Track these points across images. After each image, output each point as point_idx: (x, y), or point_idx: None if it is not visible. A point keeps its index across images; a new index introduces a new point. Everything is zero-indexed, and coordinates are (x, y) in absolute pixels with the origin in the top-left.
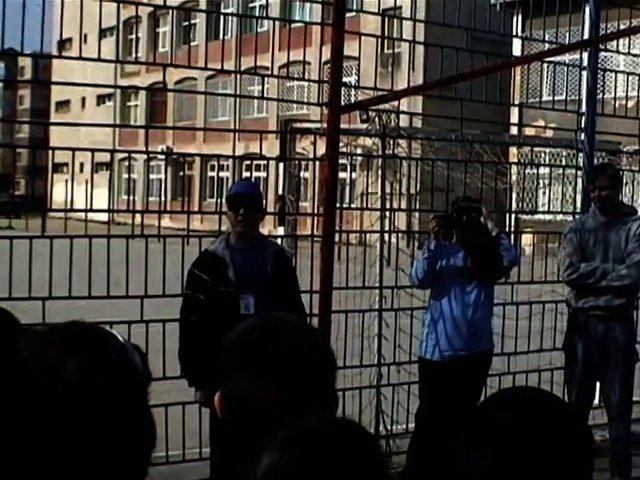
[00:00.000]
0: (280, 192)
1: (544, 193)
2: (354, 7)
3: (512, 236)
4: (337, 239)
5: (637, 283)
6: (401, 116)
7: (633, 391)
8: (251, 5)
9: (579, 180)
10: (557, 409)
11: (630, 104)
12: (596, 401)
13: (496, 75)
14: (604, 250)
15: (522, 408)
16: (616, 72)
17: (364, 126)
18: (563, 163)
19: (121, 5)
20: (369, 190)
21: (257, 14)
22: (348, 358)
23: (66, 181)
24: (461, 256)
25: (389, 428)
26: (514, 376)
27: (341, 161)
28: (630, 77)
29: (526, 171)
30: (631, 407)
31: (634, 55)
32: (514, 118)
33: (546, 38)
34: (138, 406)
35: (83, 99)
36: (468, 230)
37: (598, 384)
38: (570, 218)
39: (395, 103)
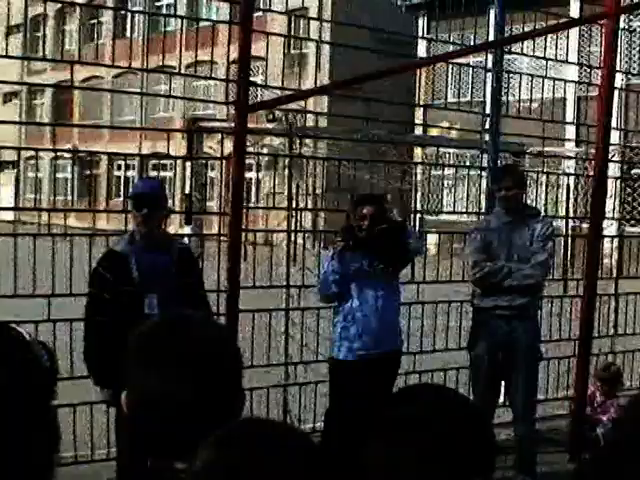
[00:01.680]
0: (187, 191)
1: (449, 194)
2: (261, 7)
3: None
4: (244, 238)
5: (541, 283)
6: (307, 116)
7: (537, 390)
8: (158, 4)
9: (483, 181)
10: (458, 407)
11: (534, 106)
12: (501, 400)
13: (402, 76)
14: (509, 250)
15: (424, 405)
16: (520, 74)
17: (271, 126)
18: (467, 164)
19: (28, 2)
20: (275, 190)
21: (164, 13)
22: (255, 357)
23: None
24: (367, 259)
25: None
26: (420, 375)
27: (248, 160)
28: (534, 79)
29: (431, 172)
30: (535, 406)
31: (538, 57)
32: (419, 119)
33: (451, 40)
34: (41, 404)
35: None
36: (372, 233)
37: (503, 383)
38: (475, 219)
39: (302, 103)
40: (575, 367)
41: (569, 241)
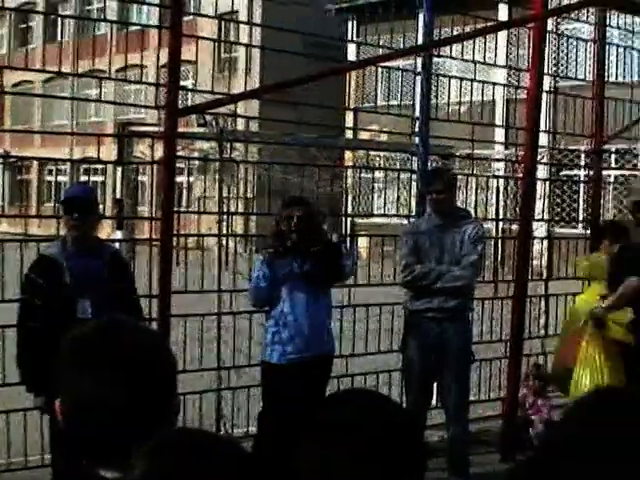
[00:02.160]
0: (118, 196)
1: (379, 197)
2: (191, 10)
3: (348, 240)
4: (175, 243)
5: (472, 285)
6: (238, 120)
7: (469, 391)
8: (89, 8)
9: (414, 184)
10: (390, 410)
11: (463, 109)
12: (434, 402)
13: (332, 80)
14: (440, 252)
15: (356, 409)
16: (449, 77)
17: (201, 130)
18: (397, 167)
19: None
20: (206, 194)
21: (95, 17)
22: (188, 362)
23: None
24: (297, 263)
25: (230, 432)
26: (352, 378)
27: (179, 165)
28: (462, 82)
29: (361, 175)
30: (467, 407)
31: (466, 60)
32: (349, 122)
33: (380, 43)
34: None
35: None
36: (301, 236)
37: (435, 385)
38: (405, 221)
39: (232, 107)
40: (506, 368)
41: (499, 243)
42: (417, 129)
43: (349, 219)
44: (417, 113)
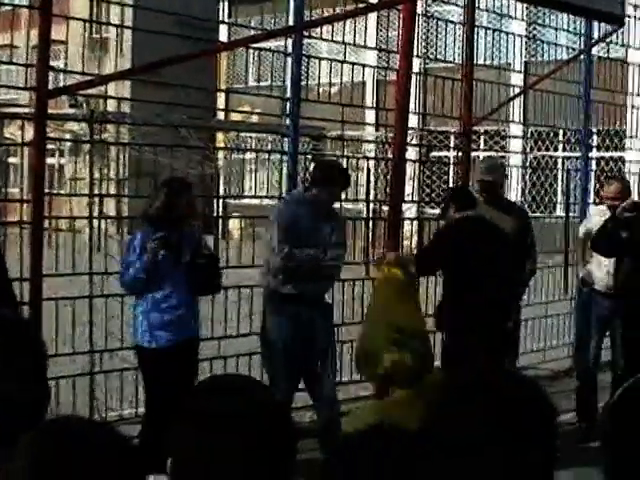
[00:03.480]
0: None
1: (250, 178)
2: None
3: (220, 221)
4: (47, 225)
5: (339, 267)
6: (110, 101)
7: (336, 372)
8: None
9: (285, 165)
10: (257, 396)
11: (334, 90)
12: (303, 384)
13: (204, 61)
14: (310, 236)
15: (223, 396)
16: (319, 59)
17: (72, 111)
18: (269, 148)
19: None
20: (78, 176)
21: None
22: (60, 346)
23: None
24: (171, 249)
25: (103, 415)
26: (225, 360)
27: (50, 146)
28: (333, 64)
29: (233, 156)
30: (335, 387)
31: (337, 42)
32: (222, 104)
33: (252, 25)
34: None
35: None
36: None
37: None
38: (277, 202)
39: (103, 88)
40: None
41: (370, 224)
42: (288, 110)
43: (221, 200)
44: (288, 94)
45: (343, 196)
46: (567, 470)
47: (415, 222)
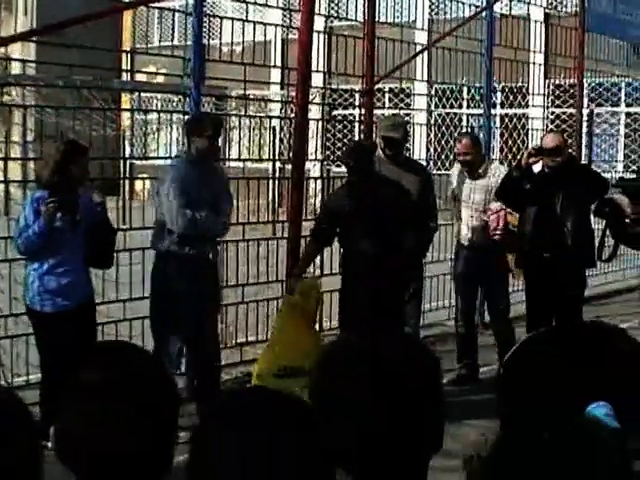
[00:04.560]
0: None
1: (153, 139)
2: None
3: (127, 182)
4: None
5: (227, 230)
6: (15, 64)
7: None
8: None
9: None
10: (146, 364)
11: (238, 50)
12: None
13: (109, 21)
14: (204, 195)
15: (111, 365)
16: (222, 18)
17: None
18: (176, 108)
19: None
20: None
21: None
22: None
23: None
24: (68, 216)
25: (10, 381)
26: (131, 323)
27: None
28: (237, 23)
29: (138, 117)
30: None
31: (240, 1)
32: (127, 65)
33: None
34: None
35: None
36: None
37: None
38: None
39: (6, 49)
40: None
41: (277, 183)
42: (190, 70)
43: (128, 162)
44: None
45: (247, 155)
46: (461, 423)
47: (319, 181)
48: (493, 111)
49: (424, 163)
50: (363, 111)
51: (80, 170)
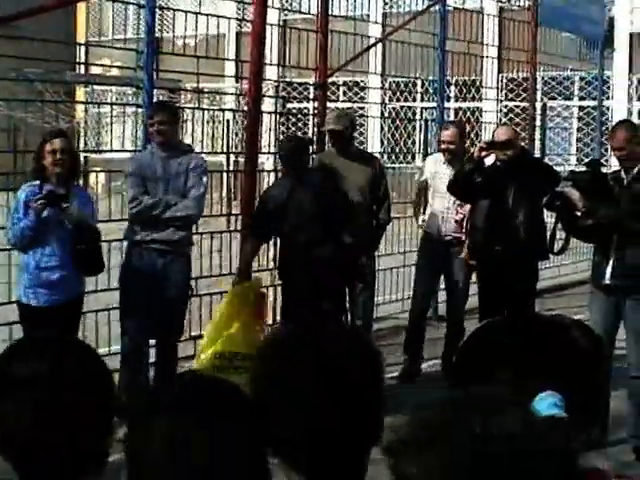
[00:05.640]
0: None
1: (106, 132)
2: None
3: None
4: None
5: (197, 218)
6: None
7: (183, 326)
8: None
9: (140, 118)
10: (81, 355)
11: (191, 43)
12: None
13: (63, 14)
14: (165, 185)
15: (42, 357)
16: (175, 11)
17: None
18: (131, 101)
19: None
20: None
21: None
22: None
23: None
24: (55, 208)
25: None
26: (85, 315)
27: None
28: (190, 16)
29: (92, 110)
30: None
31: None
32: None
33: None
34: None
35: None
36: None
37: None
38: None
39: None
40: None
41: (232, 176)
42: (142, 63)
43: (82, 155)
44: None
45: (201, 148)
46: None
47: (272, 174)
48: (447, 104)
49: (378, 156)
50: (317, 104)
51: (69, 161)
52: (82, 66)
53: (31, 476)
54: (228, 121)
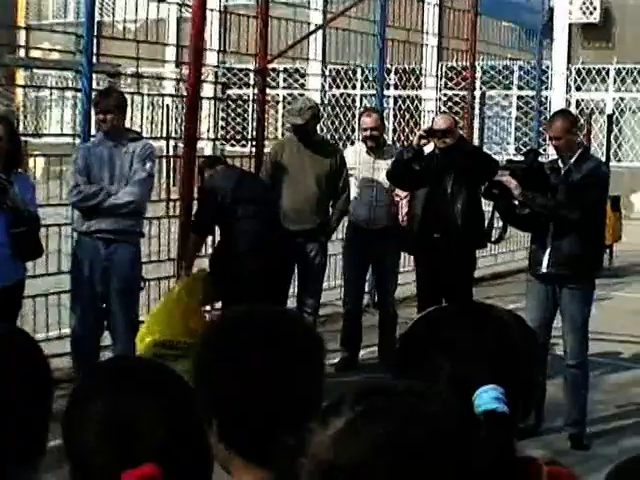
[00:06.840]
0: None
1: (45, 116)
2: None
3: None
4: None
5: (142, 203)
6: None
7: (137, 315)
8: None
9: (79, 103)
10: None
11: (132, 27)
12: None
13: None
14: (110, 172)
15: None
16: None
17: None
18: (71, 85)
19: None
20: None
21: None
22: None
23: None
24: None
25: None
26: (34, 299)
27: None
28: (131, 0)
29: (32, 94)
30: (135, 329)
31: None
32: (22, 40)
33: None
34: None
35: None
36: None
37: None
38: (72, 140)
39: None
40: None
41: (171, 162)
42: (82, 47)
43: (23, 139)
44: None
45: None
46: None
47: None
48: (386, 92)
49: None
50: (256, 91)
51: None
52: (22, 49)
53: None
54: (168, 106)
